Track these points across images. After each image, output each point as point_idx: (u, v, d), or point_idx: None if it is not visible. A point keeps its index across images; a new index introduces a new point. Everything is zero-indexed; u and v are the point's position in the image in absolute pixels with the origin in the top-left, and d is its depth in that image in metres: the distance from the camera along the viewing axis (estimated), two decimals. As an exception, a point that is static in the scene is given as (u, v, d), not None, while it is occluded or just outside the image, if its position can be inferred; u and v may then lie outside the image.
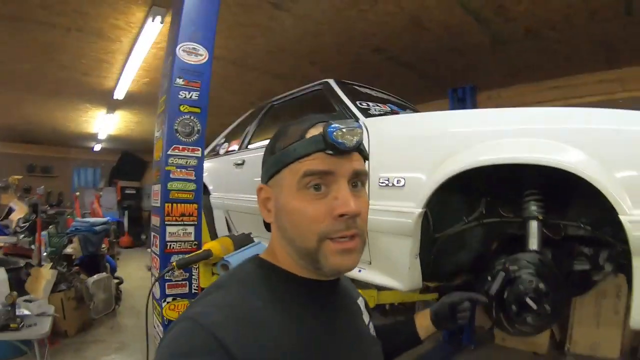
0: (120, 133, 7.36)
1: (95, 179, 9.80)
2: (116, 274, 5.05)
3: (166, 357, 0.47)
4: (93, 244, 4.68)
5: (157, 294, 1.80)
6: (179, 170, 1.72)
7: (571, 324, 3.41)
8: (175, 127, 1.70)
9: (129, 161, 10.11)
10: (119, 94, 4.57)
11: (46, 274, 3.19)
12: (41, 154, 9.26)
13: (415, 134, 1.60)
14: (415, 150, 1.56)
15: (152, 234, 1.87)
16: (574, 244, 1.59)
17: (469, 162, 1.34)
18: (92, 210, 6.47)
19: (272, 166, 0.60)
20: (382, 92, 2.71)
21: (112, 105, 5.38)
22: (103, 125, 6.42)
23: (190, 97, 1.73)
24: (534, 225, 1.45)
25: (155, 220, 1.80)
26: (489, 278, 1.31)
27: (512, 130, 1.38)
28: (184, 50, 1.70)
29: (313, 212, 0.55)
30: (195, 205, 1.77)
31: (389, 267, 1.59)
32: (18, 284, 3.25)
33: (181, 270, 1.68)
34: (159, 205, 1.74)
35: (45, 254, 4.01)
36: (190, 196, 1.76)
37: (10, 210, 5.28)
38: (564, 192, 1.52)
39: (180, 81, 1.70)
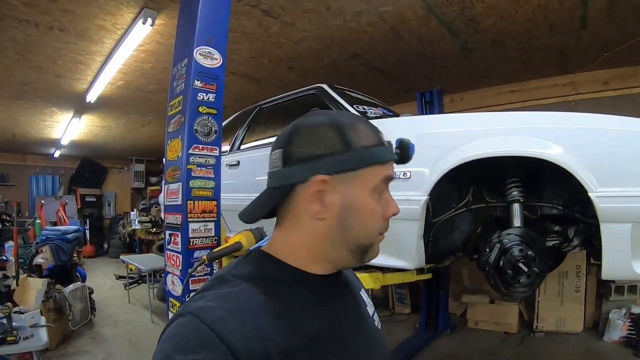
0: (84, 138, 7.05)
1: (55, 187, 9.25)
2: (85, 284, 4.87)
3: (168, 352, 0.46)
4: (66, 253, 4.50)
5: (178, 291, 1.87)
6: (199, 168, 1.81)
7: (538, 304, 3.74)
8: (195, 127, 1.79)
9: (88, 168, 9.68)
10: (92, 97, 4.44)
11: (35, 284, 3.06)
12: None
13: (418, 134, 1.82)
14: (419, 148, 1.76)
15: (169, 232, 1.92)
16: (545, 223, 1.89)
17: (469, 155, 1.58)
18: (59, 219, 6.16)
19: (351, 161, 0.57)
20: (367, 96, 2.92)
21: (81, 109, 5.19)
22: (68, 130, 6.14)
23: (208, 99, 1.83)
24: (516, 207, 1.72)
25: (174, 219, 1.86)
26: (487, 250, 1.56)
27: (505, 129, 1.64)
28: (200, 54, 1.79)
29: (380, 212, 0.61)
30: (215, 202, 1.87)
31: (396, 250, 1.80)
32: (-4, 296, 3.12)
33: (204, 266, 1.77)
34: (179, 203, 1.81)
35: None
36: (210, 193, 1.85)
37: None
38: (539, 179, 1.81)
39: (198, 83, 1.79)
